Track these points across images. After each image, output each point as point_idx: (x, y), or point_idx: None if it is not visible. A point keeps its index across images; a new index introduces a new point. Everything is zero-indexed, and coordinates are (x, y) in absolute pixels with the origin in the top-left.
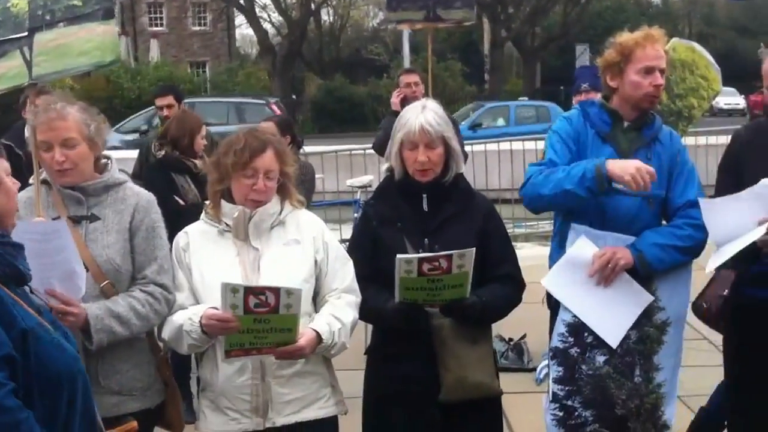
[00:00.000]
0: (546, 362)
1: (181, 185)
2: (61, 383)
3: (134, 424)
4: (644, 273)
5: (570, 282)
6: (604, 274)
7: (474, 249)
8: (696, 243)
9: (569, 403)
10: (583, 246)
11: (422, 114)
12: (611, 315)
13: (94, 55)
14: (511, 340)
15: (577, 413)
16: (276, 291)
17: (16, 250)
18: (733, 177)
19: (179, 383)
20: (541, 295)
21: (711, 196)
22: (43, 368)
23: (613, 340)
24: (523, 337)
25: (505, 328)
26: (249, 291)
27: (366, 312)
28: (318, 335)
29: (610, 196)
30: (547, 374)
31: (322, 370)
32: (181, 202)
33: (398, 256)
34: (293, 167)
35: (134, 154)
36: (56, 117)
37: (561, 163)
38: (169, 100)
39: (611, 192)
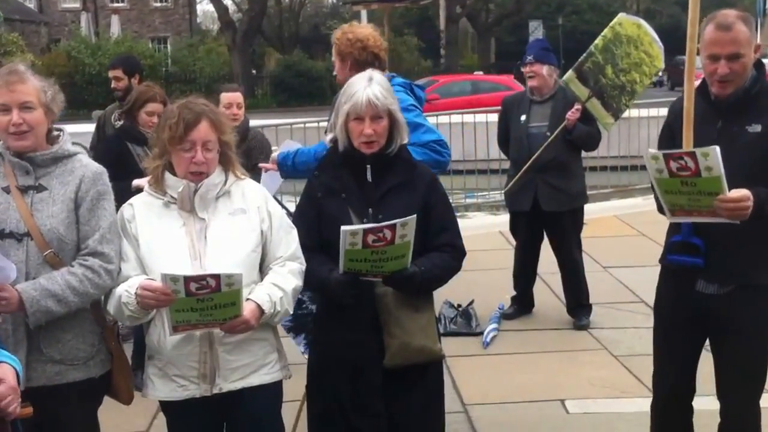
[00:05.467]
0: (493, 326)
1: (137, 154)
2: None
3: (30, 410)
4: None
5: None
6: None
7: (415, 216)
8: None
9: None
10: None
11: (369, 87)
12: None
13: None
14: (459, 306)
15: None
16: (216, 277)
17: None
18: (670, 146)
19: (139, 352)
20: (489, 263)
21: None
22: None
23: None
24: (471, 302)
25: (454, 294)
26: (189, 279)
27: (310, 282)
28: (259, 306)
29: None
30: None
31: (268, 336)
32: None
33: (343, 228)
34: (231, 135)
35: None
36: (17, 80)
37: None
38: (117, 72)
39: None
